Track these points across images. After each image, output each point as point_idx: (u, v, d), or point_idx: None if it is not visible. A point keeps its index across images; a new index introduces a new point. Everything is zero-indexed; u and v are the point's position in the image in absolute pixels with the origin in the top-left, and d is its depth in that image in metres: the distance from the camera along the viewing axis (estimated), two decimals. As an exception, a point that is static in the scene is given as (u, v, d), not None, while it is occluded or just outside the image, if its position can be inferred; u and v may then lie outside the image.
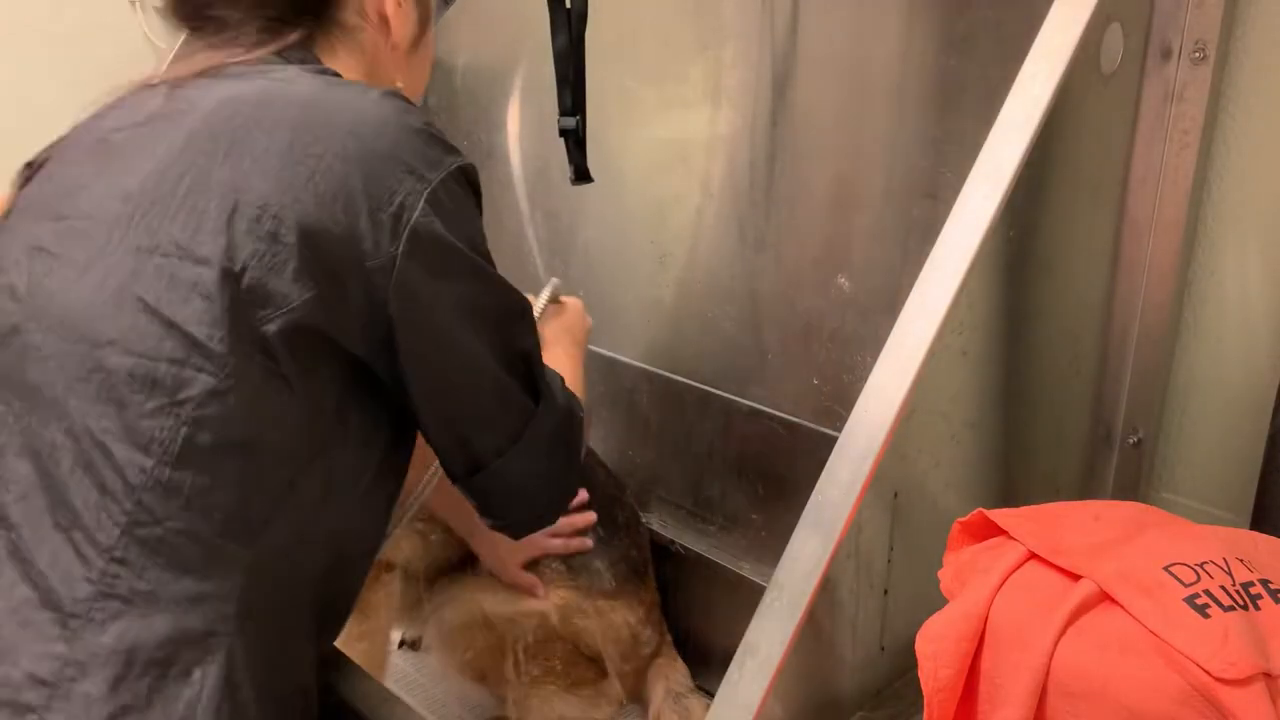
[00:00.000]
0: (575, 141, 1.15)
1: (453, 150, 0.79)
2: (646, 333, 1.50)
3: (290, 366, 0.73)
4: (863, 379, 0.86)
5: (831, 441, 0.86)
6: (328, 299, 0.73)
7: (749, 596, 1.14)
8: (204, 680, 0.71)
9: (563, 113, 1.14)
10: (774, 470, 1.34)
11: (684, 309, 1.45)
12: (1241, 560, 0.70)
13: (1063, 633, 0.68)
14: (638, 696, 1.38)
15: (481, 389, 0.83)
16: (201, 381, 0.71)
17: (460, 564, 1.32)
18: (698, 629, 1.42)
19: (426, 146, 0.77)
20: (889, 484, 0.88)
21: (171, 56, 0.91)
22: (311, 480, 0.78)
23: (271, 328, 0.72)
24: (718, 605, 1.39)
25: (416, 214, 0.75)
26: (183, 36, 0.91)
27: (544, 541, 1.24)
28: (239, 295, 0.71)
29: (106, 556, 0.70)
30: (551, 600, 1.29)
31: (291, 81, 0.79)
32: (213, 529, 0.72)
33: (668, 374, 1.46)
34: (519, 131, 1.64)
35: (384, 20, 0.89)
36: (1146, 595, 0.68)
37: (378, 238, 0.74)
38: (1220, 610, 0.66)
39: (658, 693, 1.36)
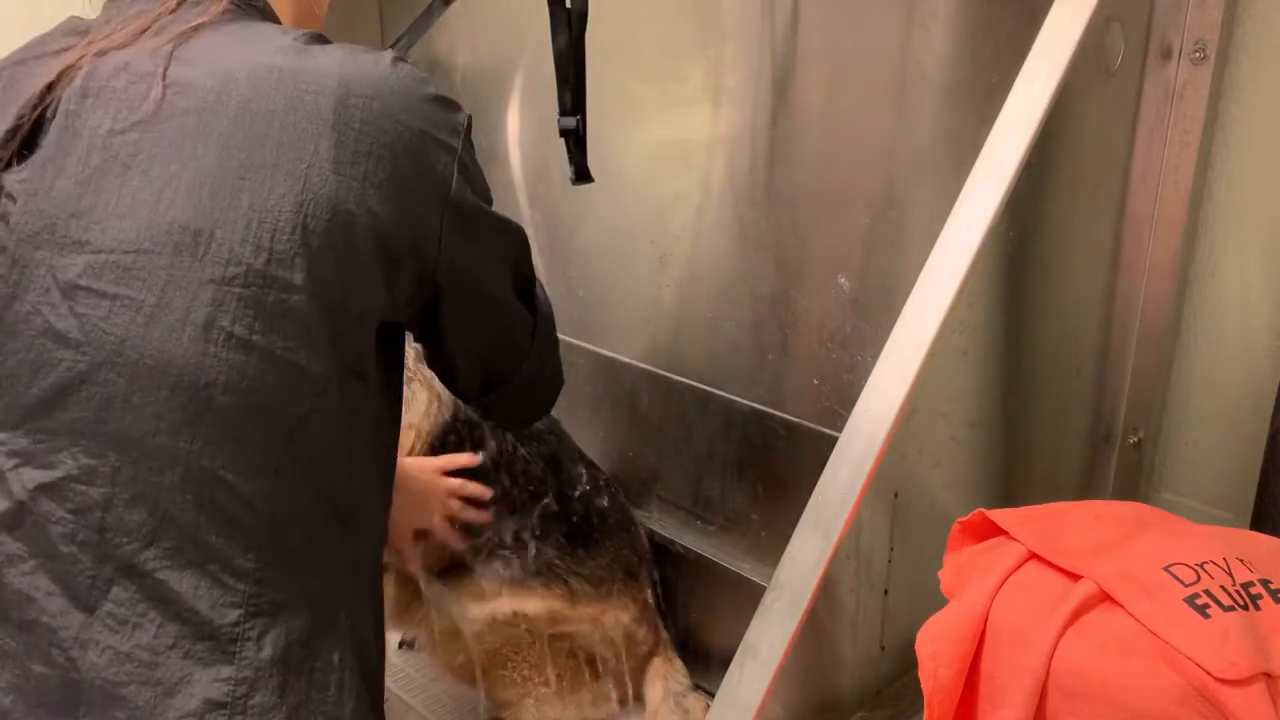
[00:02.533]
0: (575, 141, 1.15)
1: (458, 107, 0.81)
2: (646, 333, 1.50)
3: (364, 362, 0.79)
4: (863, 379, 0.86)
5: (831, 441, 0.86)
6: (392, 291, 0.78)
7: (749, 596, 1.14)
8: (343, 662, 0.77)
9: (563, 113, 1.14)
10: (774, 470, 1.34)
11: (684, 309, 1.45)
12: (1241, 560, 0.70)
13: (1063, 633, 0.68)
14: (636, 696, 1.38)
15: (505, 323, 0.92)
16: (304, 403, 0.74)
17: (452, 567, 1.32)
18: (698, 629, 1.42)
19: (445, 113, 0.80)
20: (889, 484, 0.88)
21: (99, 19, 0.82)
22: (385, 454, 0.85)
23: (351, 334, 0.76)
24: (718, 605, 1.39)
25: (453, 187, 0.79)
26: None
27: (440, 512, 1.24)
28: (325, 313, 0.74)
29: (248, 579, 0.73)
30: (540, 607, 1.29)
31: (298, 54, 0.76)
32: (324, 524, 0.78)
33: (668, 374, 1.45)
34: (519, 132, 1.64)
35: None
36: (1146, 595, 0.67)
37: (427, 216, 0.78)
38: (1220, 610, 0.66)
39: (656, 692, 1.36)
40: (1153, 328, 1.09)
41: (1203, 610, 0.66)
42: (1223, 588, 0.67)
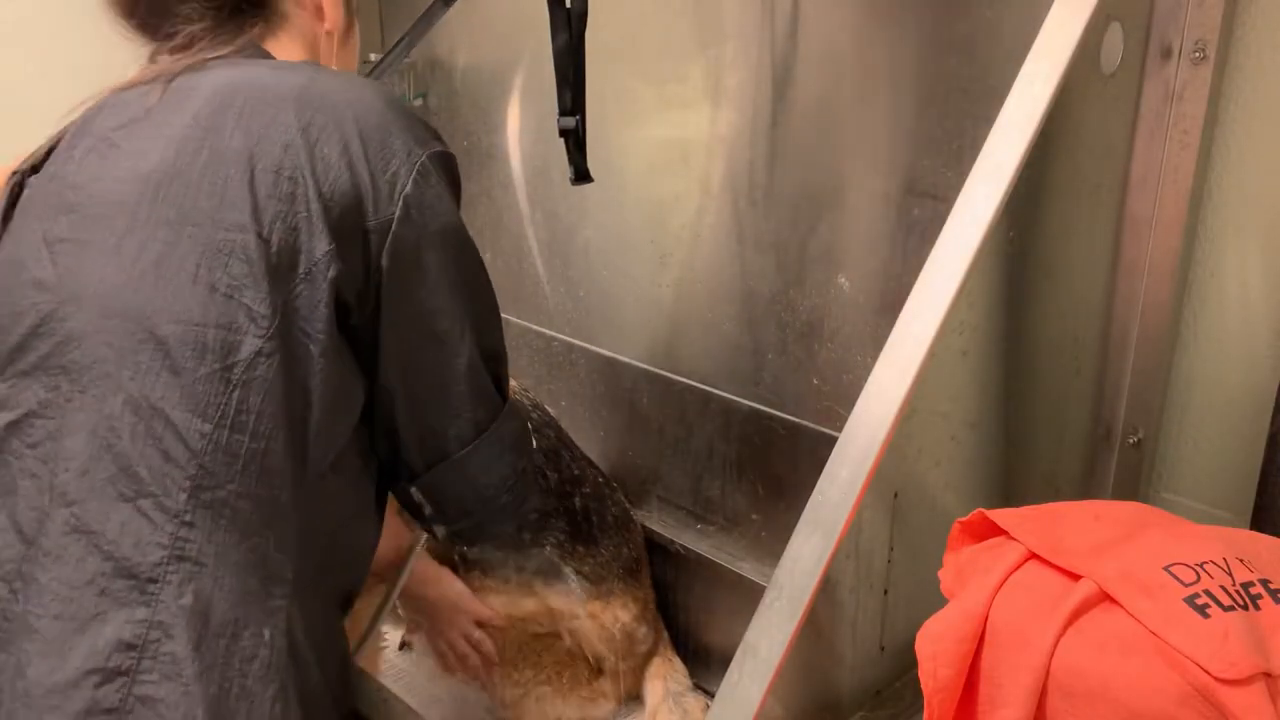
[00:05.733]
0: (575, 141, 1.15)
1: (438, 137, 0.84)
2: (646, 333, 1.50)
3: (320, 328, 0.77)
4: (863, 379, 0.86)
5: (831, 441, 0.86)
6: (340, 256, 0.77)
7: (749, 596, 1.14)
8: (273, 641, 0.74)
9: (563, 113, 1.14)
10: (774, 470, 1.34)
11: (684, 309, 1.45)
12: (1241, 560, 0.70)
13: (1063, 633, 0.68)
14: (635, 695, 1.38)
15: (458, 371, 0.85)
16: (248, 344, 0.74)
17: (450, 567, 1.32)
18: (698, 629, 1.42)
19: (414, 125, 0.82)
20: (889, 484, 0.88)
21: (138, 70, 0.91)
22: (348, 451, 0.82)
23: (303, 289, 0.76)
24: (718, 605, 1.39)
25: (409, 185, 0.79)
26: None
27: (455, 635, 1.26)
28: (271, 256, 0.75)
29: (176, 521, 0.72)
30: (538, 605, 1.29)
31: (280, 68, 0.83)
32: (269, 493, 0.75)
33: (668, 374, 1.45)
34: (519, 131, 1.64)
35: (319, 8, 0.93)
36: (1146, 595, 0.67)
37: (378, 199, 0.78)
38: (1220, 610, 0.66)
39: (656, 692, 1.36)
40: (1153, 328, 1.09)
41: (1203, 610, 0.66)
42: (1223, 587, 0.67)
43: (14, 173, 0.88)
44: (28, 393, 0.77)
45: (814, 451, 1.26)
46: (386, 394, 0.84)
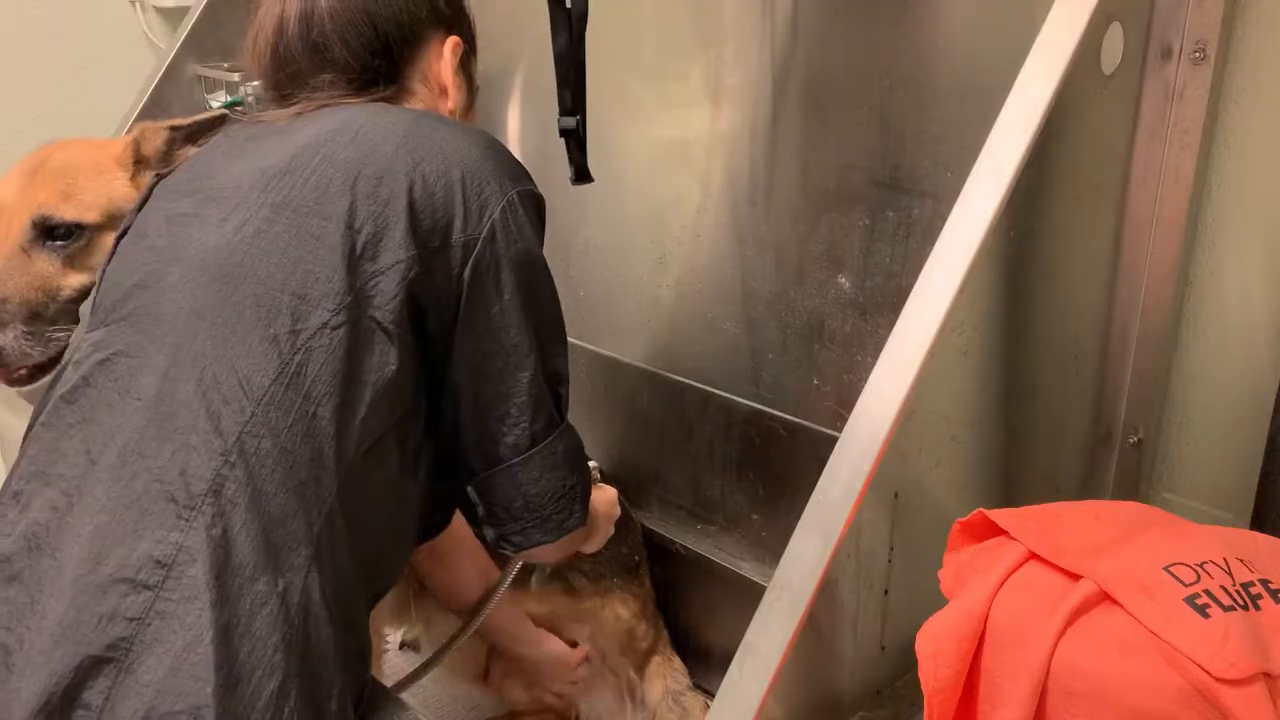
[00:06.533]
0: (575, 141, 1.16)
1: (531, 179, 0.93)
2: (646, 333, 1.50)
3: (389, 318, 0.84)
4: (863, 379, 0.86)
5: (831, 441, 0.86)
6: (424, 262, 0.85)
7: (749, 596, 1.14)
8: (286, 594, 0.78)
9: (563, 113, 1.14)
10: (774, 470, 1.34)
11: (684, 309, 1.45)
12: (1241, 560, 0.70)
13: (1063, 633, 0.68)
14: (636, 695, 1.38)
15: (520, 383, 0.91)
16: (317, 315, 0.82)
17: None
18: (698, 629, 1.42)
19: (511, 165, 0.91)
20: (889, 484, 0.88)
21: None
22: (389, 441, 0.86)
23: (380, 281, 0.83)
24: (718, 605, 1.39)
25: (497, 212, 0.87)
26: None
27: (562, 689, 1.35)
28: (355, 246, 0.83)
29: (221, 459, 0.78)
30: (539, 604, 1.29)
31: (398, 110, 0.94)
32: (312, 455, 0.81)
33: (668, 374, 1.46)
34: (519, 131, 1.64)
35: (443, 90, 1.02)
36: (1147, 595, 0.68)
37: (468, 220, 0.87)
38: (1220, 610, 0.66)
39: (656, 691, 1.36)
40: (1153, 328, 1.09)
41: (1203, 610, 0.66)
42: (1223, 588, 0.67)
43: (156, 174, 0.99)
44: (120, 336, 0.86)
45: (814, 451, 1.26)
46: (454, 393, 0.90)
